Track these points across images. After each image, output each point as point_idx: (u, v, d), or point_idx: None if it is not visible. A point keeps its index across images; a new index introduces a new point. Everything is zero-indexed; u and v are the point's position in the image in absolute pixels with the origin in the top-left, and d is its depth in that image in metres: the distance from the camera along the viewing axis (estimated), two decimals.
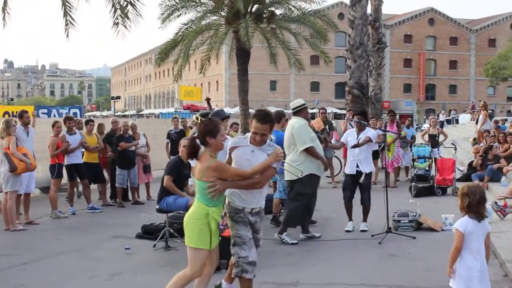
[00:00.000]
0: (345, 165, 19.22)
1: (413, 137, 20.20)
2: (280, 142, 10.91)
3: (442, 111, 67.65)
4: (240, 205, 6.66)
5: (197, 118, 10.77)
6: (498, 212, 11.98)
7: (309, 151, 10.70)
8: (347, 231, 11.66)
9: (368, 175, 11.87)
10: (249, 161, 6.49)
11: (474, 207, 6.19)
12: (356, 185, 11.86)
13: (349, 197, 11.89)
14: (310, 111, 36.60)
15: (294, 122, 11.05)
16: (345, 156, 18.83)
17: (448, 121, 59.70)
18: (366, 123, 12.68)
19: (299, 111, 11.19)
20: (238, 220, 6.68)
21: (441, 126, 56.65)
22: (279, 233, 10.84)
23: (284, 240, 10.70)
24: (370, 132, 12.10)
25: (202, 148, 6.31)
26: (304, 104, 11.34)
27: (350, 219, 11.95)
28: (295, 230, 11.19)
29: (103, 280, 8.60)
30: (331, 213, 13.78)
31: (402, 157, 19.14)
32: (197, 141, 6.34)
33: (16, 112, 17.93)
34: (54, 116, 29.14)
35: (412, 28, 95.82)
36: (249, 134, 6.66)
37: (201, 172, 6.21)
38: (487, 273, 6.22)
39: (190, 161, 10.54)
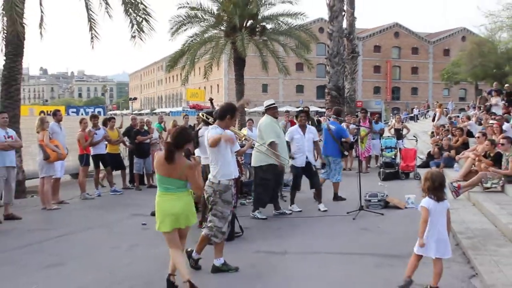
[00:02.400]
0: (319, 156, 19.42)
1: (382, 130, 20.24)
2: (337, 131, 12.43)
3: (416, 106, 67.61)
4: (229, 181, 7.03)
5: (202, 115, 10.73)
6: (453, 193, 12.03)
7: (271, 145, 10.69)
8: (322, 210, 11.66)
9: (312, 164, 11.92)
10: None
11: (434, 189, 6.24)
12: (305, 174, 11.85)
13: (296, 184, 11.92)
14: (295, 109, 36.51)
15: (263, 120, 11.14)
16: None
17: (412, 118, 59.78)
18: (342, 119, 12.68)
19: (268, 110, 11.17)
20: (223, 199, 7.03)
21: (416, 119, 56.85)
22: (252, 211, 11.01)
23: (256, 216, 10.84)
24: (312, 129, 12.31)
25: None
26: (272, 104, 11.28)
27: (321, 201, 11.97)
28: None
29: (124, 250, 8.61)
30: (313, 194, 13.79)
31: (373, 147, 19.19)
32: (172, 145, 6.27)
33: (50, 111, 17.89)
34: (82, 114, 29.13)
35: (380, 40, 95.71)
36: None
37: (180, 171, 6.21)
38: (448, 241, 6.27)
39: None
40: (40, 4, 16.47)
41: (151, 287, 6.54)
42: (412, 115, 61.84)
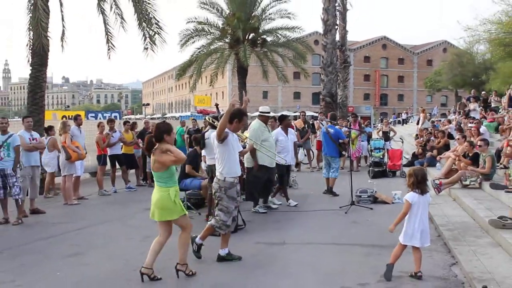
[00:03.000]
0: (317, 155, 19.41)
1: (370, 134, 20.26)
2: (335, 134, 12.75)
3: (404, 111, 67.50)
4: (234, 178, 6.99)
5: (209, 119, 10.75)
6: (435, 189, 12.03)
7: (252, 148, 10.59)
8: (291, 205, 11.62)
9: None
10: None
11: (417, 184, 6.28)
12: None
13: (281, 181, 11.88)
14: (293, 114, 36.45)
15: (253, 124, 11.08)
16: (318, 148, 18.99)
17: (399, 122, 59.75)
18: (336, 122, 12.69)
19: (261, 116, 11.05)
20: (229, 195, 6.98)
21: (404, 123, 56.74)
22: (253, 207, 10.96)
23: (257, 211, 10.83)
24: (292, 131, 12.56)
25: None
26: (267, 112, 11.13)
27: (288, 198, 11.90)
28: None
29: (137, 241, 8.62)
30: (308, 191, 13.81)
31: (362, 148, 19.20)
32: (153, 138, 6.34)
33: (72, 116, 17.91)
34: (100, 118, 29.15)
35: (369, 51, 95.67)
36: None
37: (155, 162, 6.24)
38: (428, 232, 6.31)
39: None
40: (62, 20, 16.53)
41: (163, 274, 6.54)
42: (399, 119, 61.82)
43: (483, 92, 28.17)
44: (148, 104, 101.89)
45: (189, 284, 6.25)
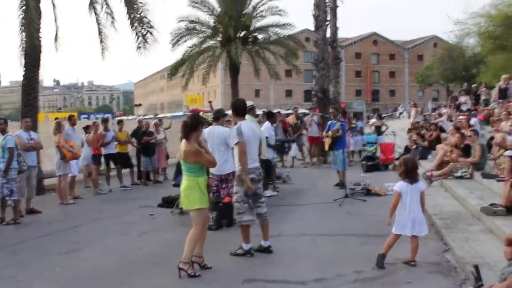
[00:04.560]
0: (309, 151, 19.52)
1: (362, 128, 20.44)
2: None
3: (401, 105, 67.75)
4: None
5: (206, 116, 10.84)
6: (426, 180, 12.18)
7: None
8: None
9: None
10: None
11: (407, 172, 6.38)
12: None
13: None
14: (284, 112, 36.57)
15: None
16: (310, 143, 19.11)
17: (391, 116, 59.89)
18: (327, 116, 12.76)
19: (250, 110, 11.09)
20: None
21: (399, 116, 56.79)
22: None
23: (267, 195, 10.76)
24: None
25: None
26: (251, 105, 11.12)
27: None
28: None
29: (134, 237, 8.70)
30: (302, 185, 13.94)
31: (355, 143, 19.31)
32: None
33: (64, 117, 17.90)
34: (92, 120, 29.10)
35: (360, 48, 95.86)
36: None
37: (186, 154, 6.26)
38: (423, 220, 6.42)
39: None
40: (55, 21, 16.52)
41: (159, 268, 6.63)
42: (397, 113, 61.98)
43: (474, 85, 28.33)
44: (140, 105, 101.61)
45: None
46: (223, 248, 7.36)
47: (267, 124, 12.55)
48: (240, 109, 7.32)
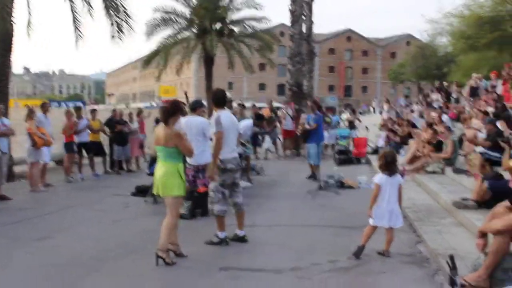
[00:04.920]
0: (282, 144, 19.64)
1: (338, 123, 20.62)
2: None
3: (374, 100, 68.62)
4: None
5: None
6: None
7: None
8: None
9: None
10: None
11: (386, 165, 6.46)
12: None
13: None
14: (258, 104, 36.66)
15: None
16: (285, 136, 19.20)
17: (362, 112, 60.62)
18: (303, 111, 12.83)
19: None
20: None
21: (381, 112, 57.49)
22: None
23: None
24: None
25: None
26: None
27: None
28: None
29: (107, 224, 8.62)
30: (276, 177, 14.01)
31: (329, 137, 19.48)
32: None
33: (34, 104, 17.64)
34: (63, 107, 28.73)
35: (335, 43, 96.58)
36: None
37: (167, 138, 6.18)
38: (399, 212, 6.50)
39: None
40: (28, 6, 16.17)
41: (136, 255, 6.59)
42: (371, 107, 62.75)
43: (445, 84, 28.80)
44: (112, 94, 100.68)
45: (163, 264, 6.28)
46: (198, 237, 7.35)
47: (248, 122, 12.59)
48: (220, 100, 7.30)
